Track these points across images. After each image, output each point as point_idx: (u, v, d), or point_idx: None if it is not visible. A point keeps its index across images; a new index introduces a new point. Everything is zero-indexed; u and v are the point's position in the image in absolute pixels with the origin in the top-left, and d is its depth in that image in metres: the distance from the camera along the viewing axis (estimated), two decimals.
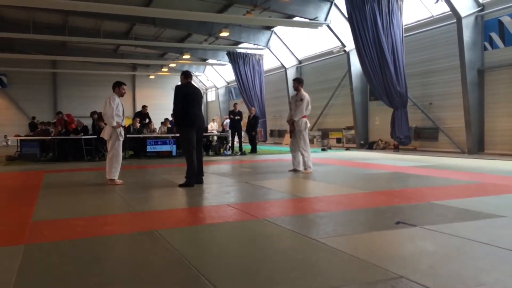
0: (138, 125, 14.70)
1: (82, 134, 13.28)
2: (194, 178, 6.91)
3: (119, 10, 14.46)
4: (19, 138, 15.14)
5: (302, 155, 8.60)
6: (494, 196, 5.55)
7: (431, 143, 14.40)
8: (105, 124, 7.62)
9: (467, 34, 12.35)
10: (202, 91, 7.69)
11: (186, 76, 7.26)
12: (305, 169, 8.55)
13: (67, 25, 20.62)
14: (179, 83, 7.30)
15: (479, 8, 12.44)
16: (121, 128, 7.30)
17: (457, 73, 12.83)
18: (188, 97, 6.95)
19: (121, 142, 7.34)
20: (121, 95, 7.37)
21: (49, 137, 13.66)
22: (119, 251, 3.44)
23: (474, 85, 12.47)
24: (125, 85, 7.53)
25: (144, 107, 15.70)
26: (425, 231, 3.69)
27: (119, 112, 7.27)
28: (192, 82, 7.49)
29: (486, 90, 12.61)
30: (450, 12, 12.64)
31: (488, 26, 12.44)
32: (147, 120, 15.04)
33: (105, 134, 7.28)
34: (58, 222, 4.40)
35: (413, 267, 2.78)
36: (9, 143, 23.07)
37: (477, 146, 12.61)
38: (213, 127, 20.89)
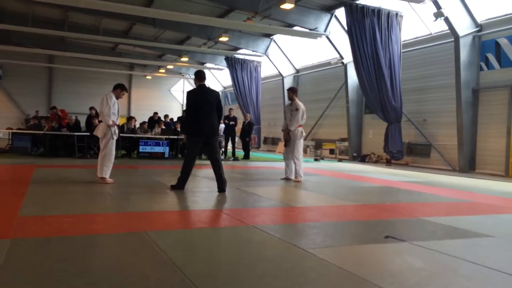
0: (133, 124, 14.79)
1: (66, 129, 13.23)
2: (184, 185, 6.70)
3: (120, 9, 14.43)
4: (11, 131, 15.02)
5: (294, 163, 8.61)
6: (483, 215, 5.58)
7: (423, 159, 14.48)
8: (100, 121, 7.58)
9: (464, 53, 12.47)
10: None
11: (199, 77, 6.83)
12: (296, 177, 8.56)
13: (67, 20, 20.56)
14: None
15: (477, 29, 12.59)
16: (116, 127, 7.28)
17: (452, 91, 12.93)
18: (198, 104, 6.58)
19: (114, 141, 7.30)
20: (119, 97, 7.35)
21: (42, 132, 13.56)
22: (106, 251, 3.41)
23: (468, 104, 12.58)
24: (127, 91, 7.55)
25: (155, 113, 16.94)
26: (414, 247, 3.70)
27: (115, 110, 7.25)
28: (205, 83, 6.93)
29: (479, 110, 12.72)
30: (448, 31, 12.76)
31: (485, 47, 12.58)
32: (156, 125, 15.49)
33: (99, 132, 7.24)
34: (46, 218, 4.35)
35: (400, 283, 2.79)
36: (1, 135, 22.90)
37: (469, 165, 12.69)
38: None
